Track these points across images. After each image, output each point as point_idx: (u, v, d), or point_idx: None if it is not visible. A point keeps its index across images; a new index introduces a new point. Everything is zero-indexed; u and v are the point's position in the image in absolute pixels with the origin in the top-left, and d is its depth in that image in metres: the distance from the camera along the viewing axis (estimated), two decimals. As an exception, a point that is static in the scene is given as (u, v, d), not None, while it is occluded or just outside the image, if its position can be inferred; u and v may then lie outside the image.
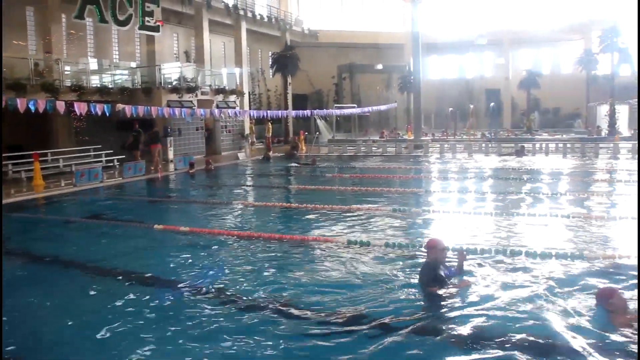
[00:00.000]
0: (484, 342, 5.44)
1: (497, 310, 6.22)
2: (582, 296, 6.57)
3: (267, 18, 41.36)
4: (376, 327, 5.84)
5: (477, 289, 6.89)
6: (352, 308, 6.39)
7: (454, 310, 6.28)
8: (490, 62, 52.27)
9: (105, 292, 7.37)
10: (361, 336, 5.66)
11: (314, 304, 6.61)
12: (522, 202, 13.62)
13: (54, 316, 6.63)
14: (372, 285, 7.21)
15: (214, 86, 31.78)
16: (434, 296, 6.63)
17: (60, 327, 6.22)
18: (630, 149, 26.78)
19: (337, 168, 23.15)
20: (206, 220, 12.51)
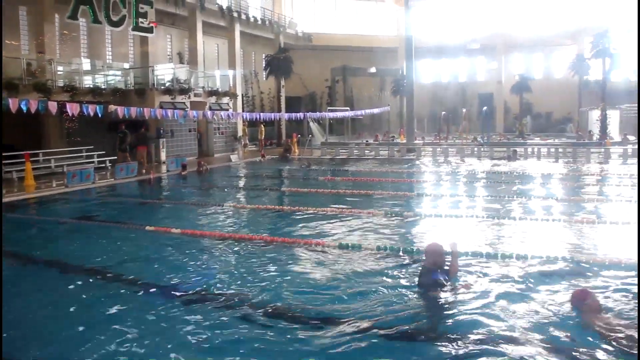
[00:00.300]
0: (483, 345, 5.47)
1: (493, 313, 6.26)
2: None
3: (261, 20, 41.38)
4: (369, 330, 5.84)
5: (473, 292, 6.91)
6: (343, 310, 6.40)
7: (456, 313, 6.30)
8: (483, 66, 52.47)
9: (95, 293, 7.34)
10: (354, 339, 5.65)
11: (306, 306, 6.61)
12: (513, 206, 13.68)
13: (40, 316, 6.59)
14: (364, 288, 7.20)
15: (207, 88, 31.76)
16: (435, 300, 6.66)
17: (45, 327, 6.21)
18: (621, 153, 26.95)
19: (330, 171, 23.15)
20: (198, 222, 12.48)
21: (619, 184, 17.86)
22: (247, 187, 19.87)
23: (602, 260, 8.26)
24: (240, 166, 26.69)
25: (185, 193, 18.37)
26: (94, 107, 16.76)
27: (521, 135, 42.06)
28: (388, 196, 15.60)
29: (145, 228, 11.25)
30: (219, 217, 12.99)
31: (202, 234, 10.79)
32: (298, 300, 6.84)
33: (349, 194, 16.33)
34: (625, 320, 5.82)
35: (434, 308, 6.52)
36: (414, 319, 6.16)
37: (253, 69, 44.72)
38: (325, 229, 11.13)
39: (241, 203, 15.55)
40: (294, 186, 19.38)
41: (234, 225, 12.11)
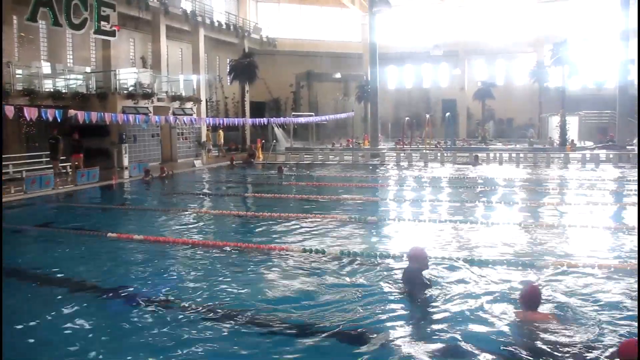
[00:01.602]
0: (466, 343, 5.60)
1: (470, 313, 6.44)
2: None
3: (225, 25, 41.18)
4: (331, 334, 5.88)
5: (442, 295, 7.04)
6: (306, 315, 6.41)
7: (440, 312, 6.44)
8: (447, 73, 53.10)
9: (55, 302, 7.20)
10: (318, 343, 5.68)
11: (269, 311, 6.61)
12: (475, 211, 13.88)
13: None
14: (327, 293, 7.24)
15: (171, 93, 31.45)
16: (422, 301, 6.80)
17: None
18: (579, 159, 27.56)
19: (294, 176, 23.15)
20: (161, 228, 12.35)
21: (579, 188, 18.30)
22: (211, 192, 19.72)
23: (560, 263, 8.44)
24: (204, 171, 26.50)
25: (148, 199, 18.15)
26: (53, 111, 16.46)
27: (483, 141, 42.71)
28: (352, 201, 15.66)
29: (107, 235, 11.07)
30: (182, 223, 12.88)
31: (165, 240, 10.67)
32: (262, 305, 6.83)
33: (313, 199, 16.36)
34: None
35: (420, 309, 6.65)
36: (392, 321, 6.22)
37: (217, 73, 44.47)
38: (290, 234, 11.14)
39: (204, 209, 15.41)
40: (258, 191, 19.30)
41: (197, 231, 12.01)
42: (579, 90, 45.24)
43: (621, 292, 7.19)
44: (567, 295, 7.06)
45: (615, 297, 7.04)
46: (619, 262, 8.62)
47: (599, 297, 7.03)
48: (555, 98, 42.28)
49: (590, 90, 45.75)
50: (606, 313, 6.46)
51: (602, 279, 7.76)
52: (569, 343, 5.61)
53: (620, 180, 20.62)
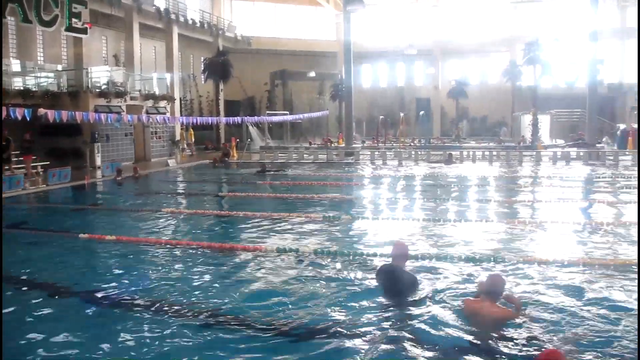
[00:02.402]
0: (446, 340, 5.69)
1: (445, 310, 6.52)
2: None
3: (199, 23, 40.90)
4: (305, 332, 5.93)
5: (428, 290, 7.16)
6: (280, 314, 6.45)
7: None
8: (421, 71, 53.39)
9: (26, 304, 7.11)
10: (293, 342, 5.72)
11: (244, 310, 6.65)
12: (447, 208, 14.04)
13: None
14: (301, 291, 7.28)
15: (144, 91, 31.18)
16: (400, 297, 6.87)
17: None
18: (551, 156, 27.98)
19: (269, 175, 23.14)
20: (133, 228, 12.26)
21: (550, 185, 18.59)
22: (185, 192, 19.65)
23: (532, 259, 8.58)
24: (178, 171, 26.34)
25: (121, 199, 18.00)
26: (22, 110, 16.20)
27: (457, 139, 43.07)
28: (326, 200, 15.71)
29: (78, 236, 10.96)
30: (155, 223, 12.80)
31: (137, 240, 10.61)
32: (236, 305, 6.86)
33: (287, 197, 16.40)
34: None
35: (393, 306, 6.71)
36: (366, 318, 6.26)
37: (191, 72, 44.20)
38: (264, 234, 11.14)
39: (178, 208, 15.32)
40: (231, 191, 19.26)
41: (170, 231, 11.95)
42: (551, 89, 45.80)
43: (591, 288, 7.32)
44: (535, 292, 7.19)
45: (584, 293, 7.16)
46: (589, 258, 8.78)
47: (567, 293, 7.17)
48: (527, 97, 42.86)
49: (561, 89, 46.36)
50: (569, 310, 6.59)
51: (571, 275, 7.90)
52: (525, 338, 5.75)
53: (589, 178, 21.00)
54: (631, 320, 6.23)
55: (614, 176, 21.23)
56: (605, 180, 20.13)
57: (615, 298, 6.98)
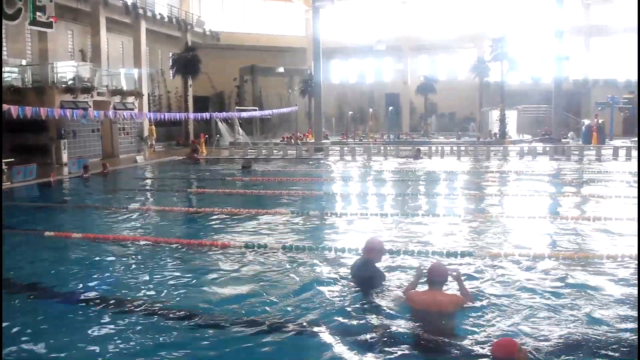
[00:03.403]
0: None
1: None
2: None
3: (167, 18, 40.51)
4: (274, 329, 5.94)
5: (386, 287, 7.16)
6: (248, 311, 6.46)
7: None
8: (390, 67, 53.68)
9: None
10: (261, 339, 5.73)
11: (211, 308, 6.65)
12: (416, 203, 14.19)
13: None
14: (269, 288, 7.30)
15: (112, 87, 30.81)
16: (378, 294, 6.88)
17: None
18: (518, 151, 28.43)
19: (238, 171, 23.08)
20: (101, 225, 12.14)
21: (517, 179, 18.89)
22: (153, 188, 19.51)
23: (498, 254, 8.73)
24: (147, 167, 26.10)
25: (88, 196, 17.78)
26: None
27: (426, 135, 43.43)
28: (296, 195, 15.75)
29: (44, 234, 10.81)
30: (123, 220, 12.69)
31: (105, 237, 10.51)
32: (203, 302, 6.85)
33: (256, 193, 16.39)
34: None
35: (361, 302, 6.73)
36: (336, 314, 6.31)
37: (160, 67, 43.75)
38: (233, 230, 11.13)
39: (145, 205, 15.22)
40: (200, 187, 19.18)
41: (137, 228, 11.86)
42: (518, 85, 46.46)
43: (553, 282, 7.48)
44: (501, 285, 7.33)
45: (544, 286, 7.30)
46: (552, 251, 8.97)
47: (527, 284, 7.34)
48: (495, 92, 43.35)
49: (528, 85, 47.03)
50: (528, 302, 6.72)
51: (533, 267, 8.07)
52: (478, 327, 5.86)
53: (556, 172, 21.40)
54: (589, 309, 6.40)
55: (579, 170, 21.70)
56: (571, 175, 20.56)
57: (574, 288, 7.15)
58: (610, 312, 6.34)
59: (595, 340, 5.60)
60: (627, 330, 5.86)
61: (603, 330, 5.85)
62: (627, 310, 6.39)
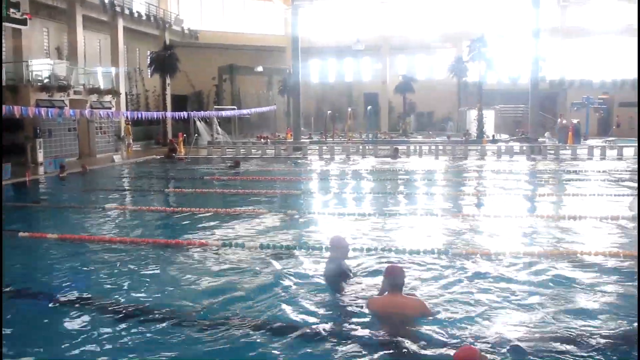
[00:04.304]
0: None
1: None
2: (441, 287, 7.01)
3: (145, 16, 40.14)
4: (251, 328, 5.94)
5: (361, 284, 7.21)
6: (225, 310, 6.45)
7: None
8: (369, 67, 53.82)
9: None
10: (238, 337, 5.73)
11: (188, 307, 6.63)
12: (395, 202, 14.26)
13: None
14: (247, 287, 7.31)
15: (88, 85, 30.51)
16: (341, 291, 6.91)
17: None
18: (495, 150, 28.69)
19: (217, 170, 23.00)
20: (77, 226, 12.02)
21: (494, 178, 19.07)
22: (129, 188, 19.33)
23: (475, 252, 8.81)
24: (124, 167, 25.88)
25: (64, 195, 17.59)
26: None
27: (405, 134, 43.62)
28: (274, 194, 15.75)
29: (18, 234, 10.66)
30: (99, 220, 12.58)
31: (80, 238, 10.41)
32: (180, 301, 6.83)
33: (235, 193, 16.35)
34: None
35: (338, 299, 6.77)
36: (300, 314, 6.31)
37: (137, 66, 43.38)
38: (211, 229, 11.10)
39: (122, 204, 15.09)
40: (179, 186, 19.08)
41: (114, 228, 11.76)
42: (495, 84, 46.91)
43: (525, 281, 7.55)
44: (473, 285, 7.39)
45: (516, 286, 7.37)
46: (529, 250, 9.05)
47: (500, 286, 7.37)
48: (473, 92, 43.72)
49: (505, 85, 47.46)
50: (497, 303, 6.75)
51: (505, 267, 8.15)
52: (441, 333, 5.82)
53: (532, 172, 21.64)
54: (562, 307, 6.47)
55: (555, 170, 21.99)
56: (548, 174, 20.82)
57: (548, 288, 7.22)
58: (585, 312, 6.40)
59: (568, 341, 5.63)
60: (597, 329, 5.93)
61: (575, 331, 5.89)
62: (601, 310, 6.46)
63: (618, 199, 14.26)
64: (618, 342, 5.57)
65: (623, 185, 17.06)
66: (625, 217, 11.46)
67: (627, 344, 5.54)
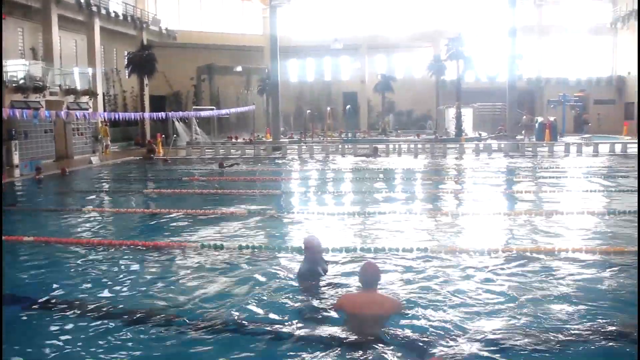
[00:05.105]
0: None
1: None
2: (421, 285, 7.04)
3: (122, 16, 39.78)
4: (229, 330, 5.92)
5: (337, 285, 7.20)
6: (202, 312, 6.42)
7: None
8: (348, 66, 53.91)
9: None
10: (222, 339, 5.72)
11: (166, 309, 6.60)
12: (374, 201, 14.29)
13: None
14: (225, 288, 7.28)
15: (65, 86, 30.17)
16: (312, 291, 6.90)
17: None
18: (474, 148, 28.92)
19: (196, 171, 22.89)
20: (54, 228, 11.89)
21: (472, 177, 19.20)
22: (107, 189, 19.15)
23: (454, 249, 8.86)
24: (101, 168, 25.64)
25: (40, 198, 17.39)
26: None
27: (384, 133, 43.75)
28: (254, 195, 15.71)
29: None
30: (76, 222, 12.44)
31: (57, 240, 10.29)
32: (158, 303, 6.80)
33: (213, 193, 16.30)
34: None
35: (310, 299, 6.74)
36: (278, 314, 6.28)
37: (115, 66, 42.99)
38: (189, 230, 11.05)
39: (99, 207, 14.94)
40: (157, 187, 18.96)
41: (92, 230, 11.63)
42: (473, 83, 47.27)
43: (503, 278, 7.62)
44: (444, 282, 7.44)
45: (495, 283, 7.45)
46: (506, 247, 9.13)
47: (476, 281, 7.47)
48: (451, 91, 43.97)
49: (483, 84, 47.84)
50: (475, 300, 6.80)
51: (485, 265, 8.20)
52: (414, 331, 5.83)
53: (511, 169, 21.83)
54: (538, 304, 6.53)
55: (533, 167, 22.24)
56: (526, 171, 21.03)
57: (526, 284, 7.29)
58: (561, 308, 6.45)
59: (545, 340, 5.66)
60: (576, 324, 6.00)
61: (553, 328, 5.92)
62: (579, 306, 6.50)
63: (594, 195, 14.49)
64: (596, 339, 5.63)
65: (598, 182, 17.31)
66: (601, 213, 11.64)
67: (602, 339, 5.61)
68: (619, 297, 6.82)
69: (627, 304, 6.52)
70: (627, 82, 46.49)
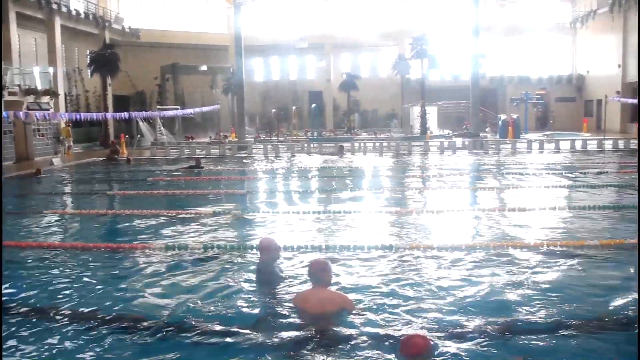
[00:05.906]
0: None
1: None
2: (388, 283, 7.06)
3: (84, 14, 39.16)
4: (192, 331, 5.84)
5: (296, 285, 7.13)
6: (166, 314, 6.33)
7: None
8: (313, 65, 53.94)
9: None
10: (187, 344, 5.63)
11: (131, 311, 6.49)
12: (339, 199, 14.32)
13: None
14: (190, 289, 7.19)
15: (24, 86, 29.55)
16: (272, 295, 6.80)
17: None
18: (438, 146, 29.22)
19: (160, 172, 22.64)
20: (13, 232, 11.61)
21: (438, 175, 19.37)
22: (68, 191, 18.81)
23: (418, 245, 8.91)
24: (63, 170, 25.17)
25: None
26: None
27: (349, 131, 43.92)
28: (218, 194, 15.62)
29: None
30: (37, 225, 12.16)
31: (17, 244, 10.05)
32: (123, 305, 6.68)
33: (178, 193, 16.14)
34: None
35: (269, 303, 6.66)
36: (243, 316, 6.23)
37: (77, 66, 42.28)
38: (154, 231, 10.90)
39: (61, 209, 14.67)
40: (121, 189, 18.71)
41: (53, 233, 11.42)
42: (438, 81, 47.82)
43: (467, 273, 7.66)
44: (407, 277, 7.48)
45: (456, 278, 7.48)
46: (471, 242, 9.22)
47: (440, 276, 7.51)
48: (416, 89, 44.45)
49: (447, 82, 48.46)
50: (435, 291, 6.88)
51: (450, 259, 8.26)
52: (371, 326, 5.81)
53: (475, 166, 22.12)
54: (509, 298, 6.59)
55: (497, 164, 22.57)
56: (489, 168, 21.32)
57: (489, 279, 7.35)
58: (530, 302, 6.50)
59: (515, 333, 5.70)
60: (538, 318, 6.08)
61: (523, 322, 5.98)
62: (544, 302, 6.56)
63: (557, 190, 14.78)
64: (563, 333, 5.70)
65: (562, 177, 17.67)
66: (563, 208, 11.87)
67: (563, 330, 5.69)
68: (582, 288, 6.94)
69: (590, 295, 6.69)
70: (586, 80, 47.67)
